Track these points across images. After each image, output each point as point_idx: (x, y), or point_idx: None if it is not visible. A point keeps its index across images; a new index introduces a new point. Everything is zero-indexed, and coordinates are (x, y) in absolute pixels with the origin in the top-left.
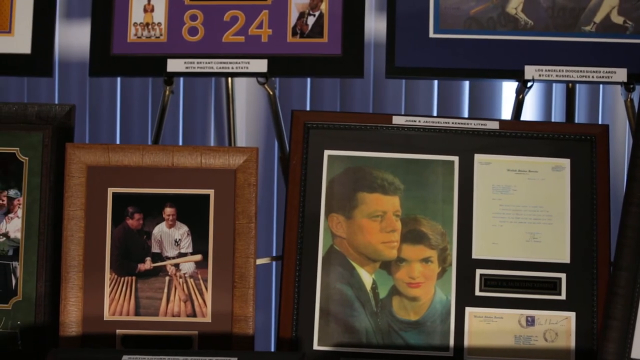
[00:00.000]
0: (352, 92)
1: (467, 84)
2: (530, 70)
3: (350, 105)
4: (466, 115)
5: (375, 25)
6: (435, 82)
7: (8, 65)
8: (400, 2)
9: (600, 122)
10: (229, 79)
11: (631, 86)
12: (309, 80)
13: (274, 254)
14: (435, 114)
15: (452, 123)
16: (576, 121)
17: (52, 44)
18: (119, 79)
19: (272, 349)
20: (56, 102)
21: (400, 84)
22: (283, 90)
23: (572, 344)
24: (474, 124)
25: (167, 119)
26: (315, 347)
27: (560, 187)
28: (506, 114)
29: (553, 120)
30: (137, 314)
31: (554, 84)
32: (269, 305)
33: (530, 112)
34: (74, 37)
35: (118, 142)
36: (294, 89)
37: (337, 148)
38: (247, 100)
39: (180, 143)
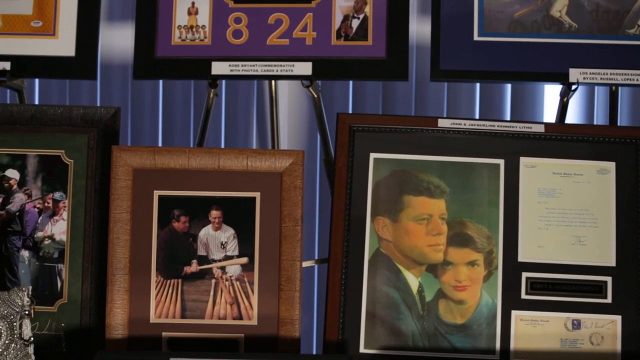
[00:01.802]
0: (394, 95)
1: (508, 86)
2: (574, 73)
3: (393, 107)
4: (508, 117)
5: (417, 27)
6: (478, 84)
7: (52, 67)
8: (444, 5)
9: None
10: (273, 81)
11: None
12: (351, 82)
13: (316, 257)
14: (477, 116)
15: (498, 126)
16: (618, 124)
17: (96, 46)
18: (161, 81)
19: (314, 352)
20: (98, 104)
21: (442, 86)
22: (325, 92)
23: (618, 347)
24: (520, 127)
25: (210, 122)
26: (362, 350)
27: (605, 190)
28: (547, 116)
29: (595, 122)
30: (183, 316)
31: (596, 87)
32: (311, 308)
33: (573, 115)
34: (115, 40)
35: (160, 144)
36: (337, 91)
37: (383, 151)
38: (289, 102)
39: (223, 146)
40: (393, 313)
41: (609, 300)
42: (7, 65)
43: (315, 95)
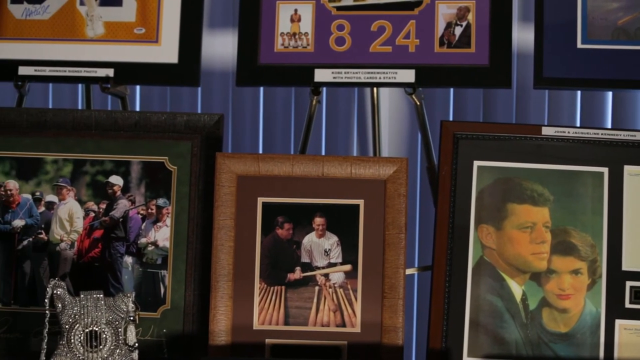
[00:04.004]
0: (495, 102)
1: (609, 93)
2: None
3: (494, 115)
4: (609, 125)
5: (517, 35)
6: (579, 92)
7: (155, 74)
8: (548, 13)
9: None
10: (374, 88)
11: None
12: (452, 89)
13: (416, 264)
14: (578, 124)
15: (602, 134)
16: None
17: (198, 53)
18: (262, 88)
19: (414, 359)
20: (199, 111)
21: (543, 93)
22: (426, 99)
23: None
24: (624, 135)
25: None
26: (465, 358)
27: None
28: None
29: None
30: (286, 323)
31: None
32: (411, 315)
33: None
34: (216, 47)
35: (261, 151)
36: (438, 98)
37: (487, 159)
38: (389, 109)
39: (323, 152)
40: (496, 321)
41: None
42: (110, 72)
43: (418, 103)
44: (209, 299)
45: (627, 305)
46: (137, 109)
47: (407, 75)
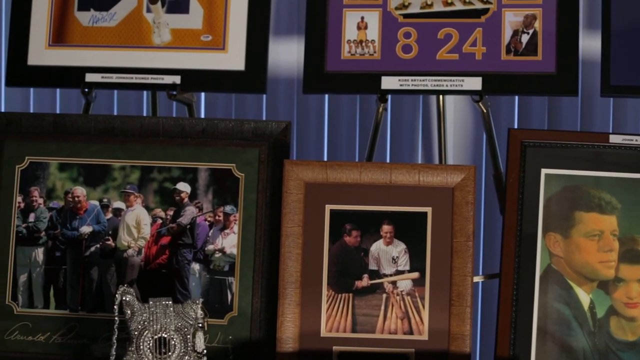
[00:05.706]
0: (560, 110)
1: None
2: None
3: (559, 122)
4: None
5: (582, 42)
6: None
7: (222, 81)
8: (615, 20)
9: None
10: (440, 96)
11: None
12: (517, 97)
13: (481, 272)
14: None
15: None
16: None
17: (265, 60)
18: (327, 95)
19: None
20: (264, 118)
21: (608, 101)
22: (491, 107)
23: None
24: None
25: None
26: None
27: None
28: None
29: None
30: (353, 330)
31: None
32: (475, 323)
33: None
34: (281, 54)
35: (325, 158)
36: (503, 105)
37: (554, 166)
38: (454, 117)
39: (388, 160)
40: (564, 329)
41: None
42: (177, 79)
43: (485, 111)
44: (277, 305)
45: None
46: (202, 115)
47: (474, 83)
